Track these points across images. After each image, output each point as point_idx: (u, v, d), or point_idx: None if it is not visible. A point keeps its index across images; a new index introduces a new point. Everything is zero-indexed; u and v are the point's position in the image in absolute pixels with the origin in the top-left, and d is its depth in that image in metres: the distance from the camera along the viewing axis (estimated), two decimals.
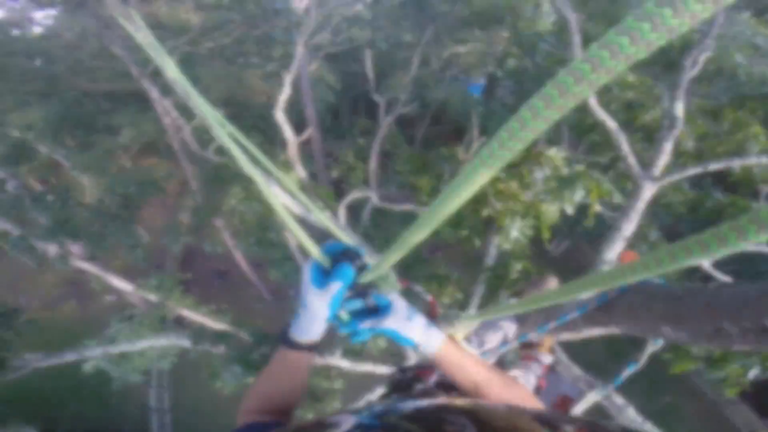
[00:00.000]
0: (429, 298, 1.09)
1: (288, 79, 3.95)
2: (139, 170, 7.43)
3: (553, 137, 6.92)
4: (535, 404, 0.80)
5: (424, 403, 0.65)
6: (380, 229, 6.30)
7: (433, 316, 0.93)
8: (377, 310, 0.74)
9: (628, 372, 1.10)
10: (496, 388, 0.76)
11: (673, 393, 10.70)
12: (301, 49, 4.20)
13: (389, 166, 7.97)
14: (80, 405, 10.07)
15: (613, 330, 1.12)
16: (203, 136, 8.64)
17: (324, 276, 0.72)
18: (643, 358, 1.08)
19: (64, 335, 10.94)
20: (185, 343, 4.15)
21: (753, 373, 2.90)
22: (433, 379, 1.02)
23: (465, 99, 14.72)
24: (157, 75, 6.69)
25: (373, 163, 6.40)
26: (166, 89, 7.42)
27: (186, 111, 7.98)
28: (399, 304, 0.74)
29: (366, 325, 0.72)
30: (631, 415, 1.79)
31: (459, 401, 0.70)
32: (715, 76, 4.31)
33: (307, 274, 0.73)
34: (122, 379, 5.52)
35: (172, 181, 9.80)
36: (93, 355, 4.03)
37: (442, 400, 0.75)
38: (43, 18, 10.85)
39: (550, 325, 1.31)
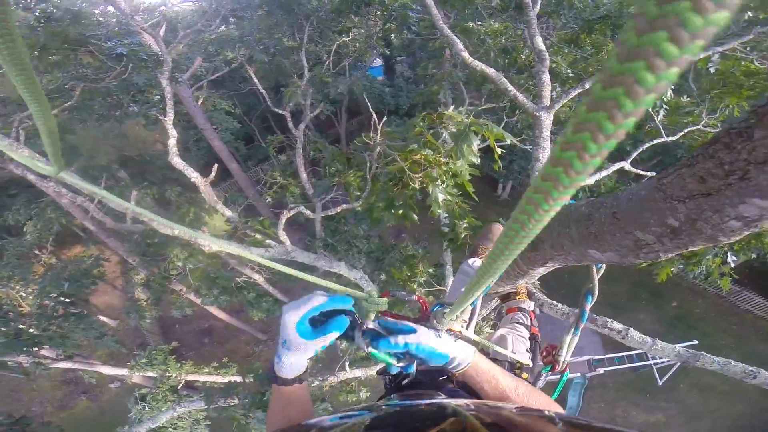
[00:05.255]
0: (415, 297, 0.99)
1: (169, 122, 3.57)
2: (65, 264, 6.64)
3: (456, 96, 7.20)
4: (558, 410, 0.83)
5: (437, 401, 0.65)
6: (338, 234, 6.14)
7: (424, 314, 0.85)
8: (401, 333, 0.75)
9: (589, 304, 1.13)
10: (521, 397, 0.80)
11: (679, 299, 11.35)
12: (168, 87, 3.82)
13: (322, 172, 7.78)
14: None
15: (555, 265, 1.13)
16: (115, 210, 7.79)
17: (313, 326, 0.73)
18: (596, 286, 1.10)
19: (95, 430, 10.56)
20: (200, 405, 3.97)
21: (731, 258, 2.87)
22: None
23: (370, 84, 14.80)
24: None
25: (303, 174, 6.08)
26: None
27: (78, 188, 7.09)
28: (419, 327, 0.75)
29: (398, 340, 0.72)
30: (635, 335, 1.76)
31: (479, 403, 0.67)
32: (557, 8, 4.80)
33: (293, 327, 0.72)
34: None
35: (110, 262, 8.86)
36: None
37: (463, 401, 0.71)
38: None
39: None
